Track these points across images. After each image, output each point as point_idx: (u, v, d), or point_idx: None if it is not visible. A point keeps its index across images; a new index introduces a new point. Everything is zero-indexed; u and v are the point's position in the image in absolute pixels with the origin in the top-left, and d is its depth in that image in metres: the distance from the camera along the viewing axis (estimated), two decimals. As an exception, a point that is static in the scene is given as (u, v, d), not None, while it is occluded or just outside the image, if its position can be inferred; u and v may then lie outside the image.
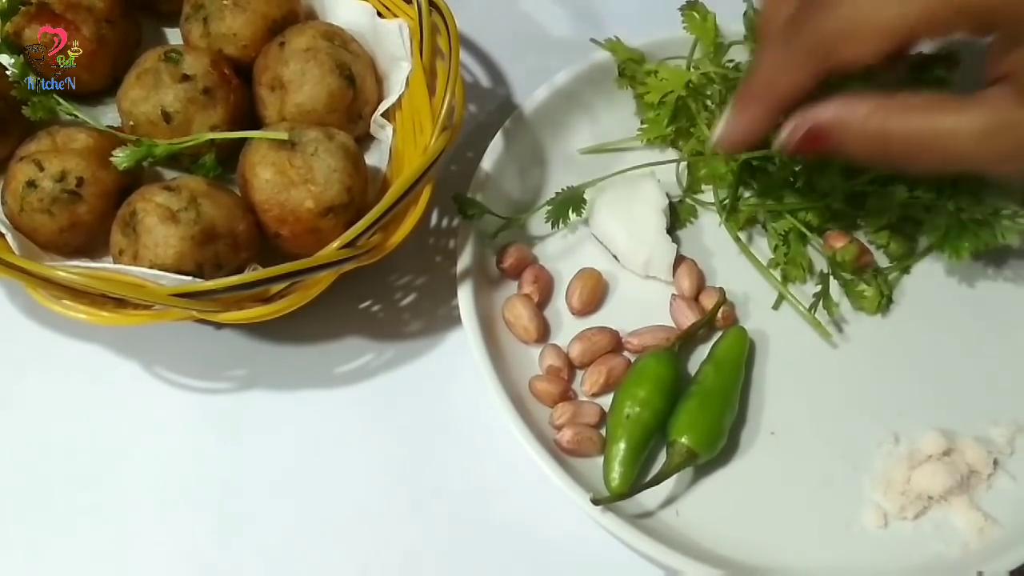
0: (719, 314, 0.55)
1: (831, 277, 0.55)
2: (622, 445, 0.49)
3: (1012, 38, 0.44)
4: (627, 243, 0.56)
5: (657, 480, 0.49)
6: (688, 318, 0.55)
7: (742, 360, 0.53)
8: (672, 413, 0.51)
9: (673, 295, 0.56)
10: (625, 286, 0.57)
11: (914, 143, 0.45)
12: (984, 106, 0.44)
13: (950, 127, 0.45)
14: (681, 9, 0.60)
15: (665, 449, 0.50)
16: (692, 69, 0.60)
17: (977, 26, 0.44)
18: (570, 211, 0.56)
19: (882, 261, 0.58)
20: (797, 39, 0.46)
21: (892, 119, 0.45)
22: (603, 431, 0.52)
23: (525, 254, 0.57)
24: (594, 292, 0.56)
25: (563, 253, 0.58)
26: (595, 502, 0.47)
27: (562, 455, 0.51)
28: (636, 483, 0.49)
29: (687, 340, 0.54)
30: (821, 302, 0.55)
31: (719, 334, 0.55)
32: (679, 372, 0.52)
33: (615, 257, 0.57)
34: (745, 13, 0.59)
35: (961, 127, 0.44)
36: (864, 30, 0.44)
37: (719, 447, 0.50)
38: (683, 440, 0.49)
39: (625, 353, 0.55)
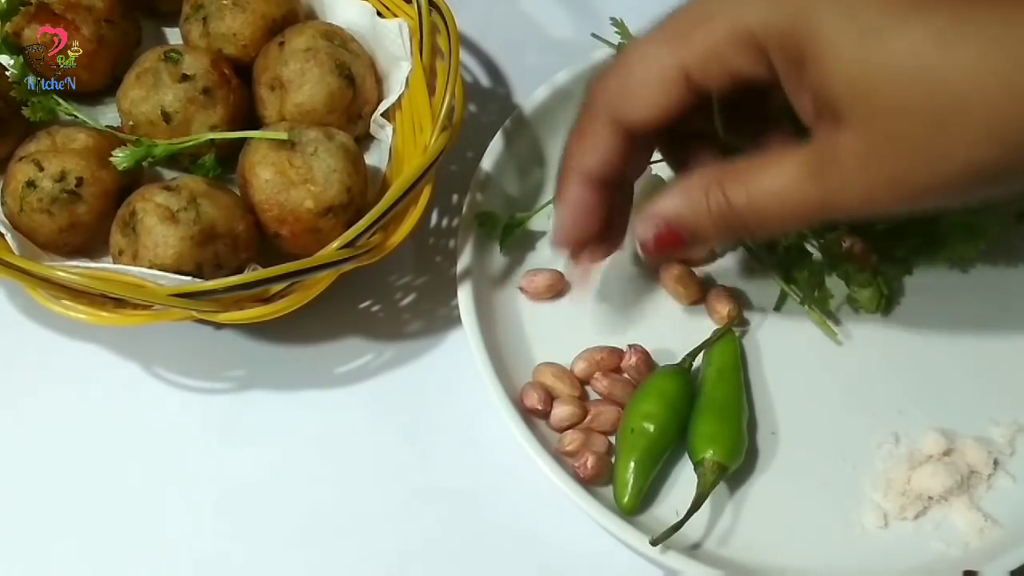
0: (723, 318, 0.55)
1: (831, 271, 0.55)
2: (630, 461, 0.49)
3: (790, 68, 0.38)
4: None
5: (696, 504, 0.48)
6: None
7: (738, 363, 0.53)
8: (688, 434, 0.50)
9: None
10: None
11: (756, 208, 0.39)
12: (800, 149, 0.39)
13: (778, 178, 0.39)
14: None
15: (693, 470, 0.49)
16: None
17: (756, 61, 0.39)
18: None
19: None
20: (591, 103, 0.43)
21: (729, 190, 0.40)
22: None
23: (556, 281, 0.56)
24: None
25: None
26: (653, 543, 0.46)
27: (562, 455, 0.50)
28: (645, 498, 0.49)
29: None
30: (816, 291, 0.55)
31: (707, 336, 0.54)
32: (689, 386, 0.52)
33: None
34: None
35: (785, 175, 0.39)
36: (640, 81, 0.41)
37: (743, 451, 0.50)
38: (709, 455, 0.48)
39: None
